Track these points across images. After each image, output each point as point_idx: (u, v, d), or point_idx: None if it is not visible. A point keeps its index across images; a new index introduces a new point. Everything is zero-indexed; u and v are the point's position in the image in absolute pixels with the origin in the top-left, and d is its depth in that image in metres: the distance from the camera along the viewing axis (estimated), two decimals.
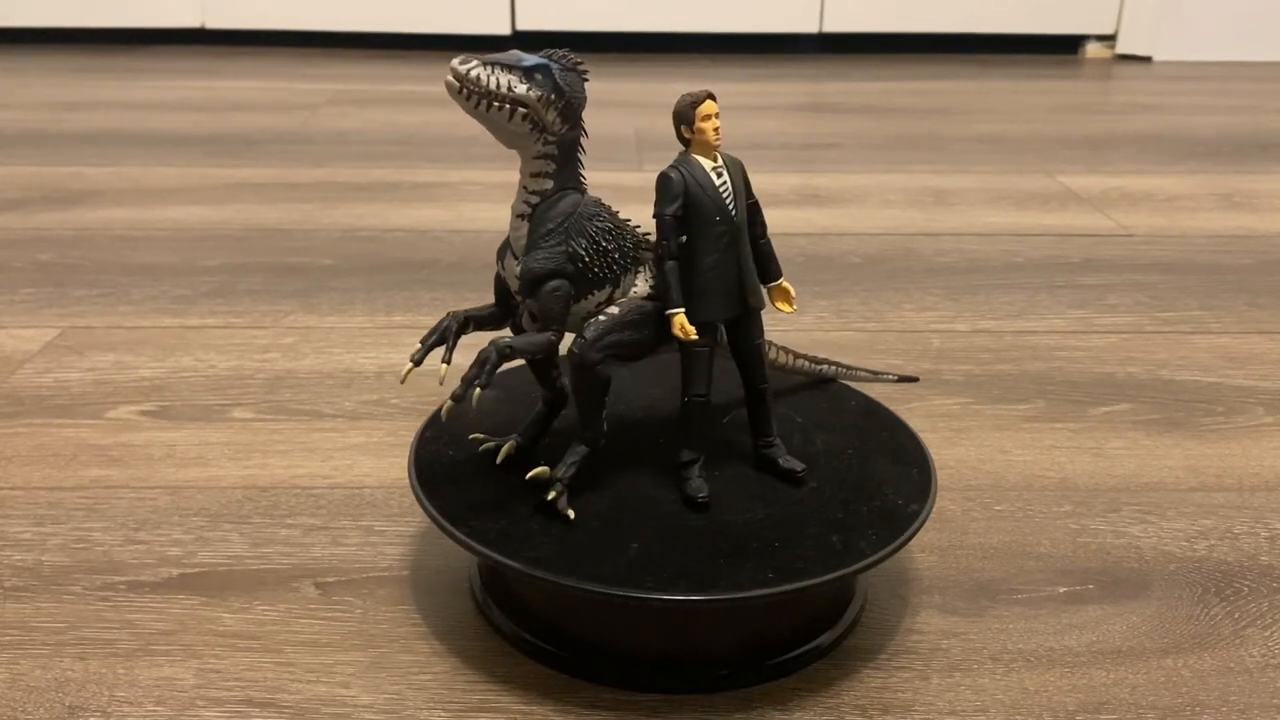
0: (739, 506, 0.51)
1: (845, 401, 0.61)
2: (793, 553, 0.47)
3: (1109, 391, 0.80)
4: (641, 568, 0.46)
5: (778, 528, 0.49)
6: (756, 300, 0.51)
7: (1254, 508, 0.65)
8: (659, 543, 0.48)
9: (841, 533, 0.49)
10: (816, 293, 0.98)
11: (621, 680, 0.50)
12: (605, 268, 0.49)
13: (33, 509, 0.63)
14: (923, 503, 0.51)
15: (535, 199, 0.49)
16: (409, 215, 1.18)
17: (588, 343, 0.49)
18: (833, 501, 0.51)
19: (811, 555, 0.47)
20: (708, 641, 0.51)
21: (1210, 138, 1.60)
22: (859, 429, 0.58)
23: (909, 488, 0.53)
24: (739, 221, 0.49)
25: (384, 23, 2.20)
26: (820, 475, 0.53)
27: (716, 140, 0.48)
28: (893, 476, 0.54)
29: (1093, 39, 2.30)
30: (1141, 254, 1.10)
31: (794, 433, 0.57)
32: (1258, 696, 0.50)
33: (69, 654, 0.52)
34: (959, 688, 0.50)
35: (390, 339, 0.87)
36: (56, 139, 1.48)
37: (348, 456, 0.70)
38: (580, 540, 0.48)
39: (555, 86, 0.46)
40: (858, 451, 0.56)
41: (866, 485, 0.53)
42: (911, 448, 0.56)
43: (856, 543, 0.48)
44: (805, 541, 0.48)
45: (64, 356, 0.83)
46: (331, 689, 0.50)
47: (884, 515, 0.50)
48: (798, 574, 0.46)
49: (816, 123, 1.69)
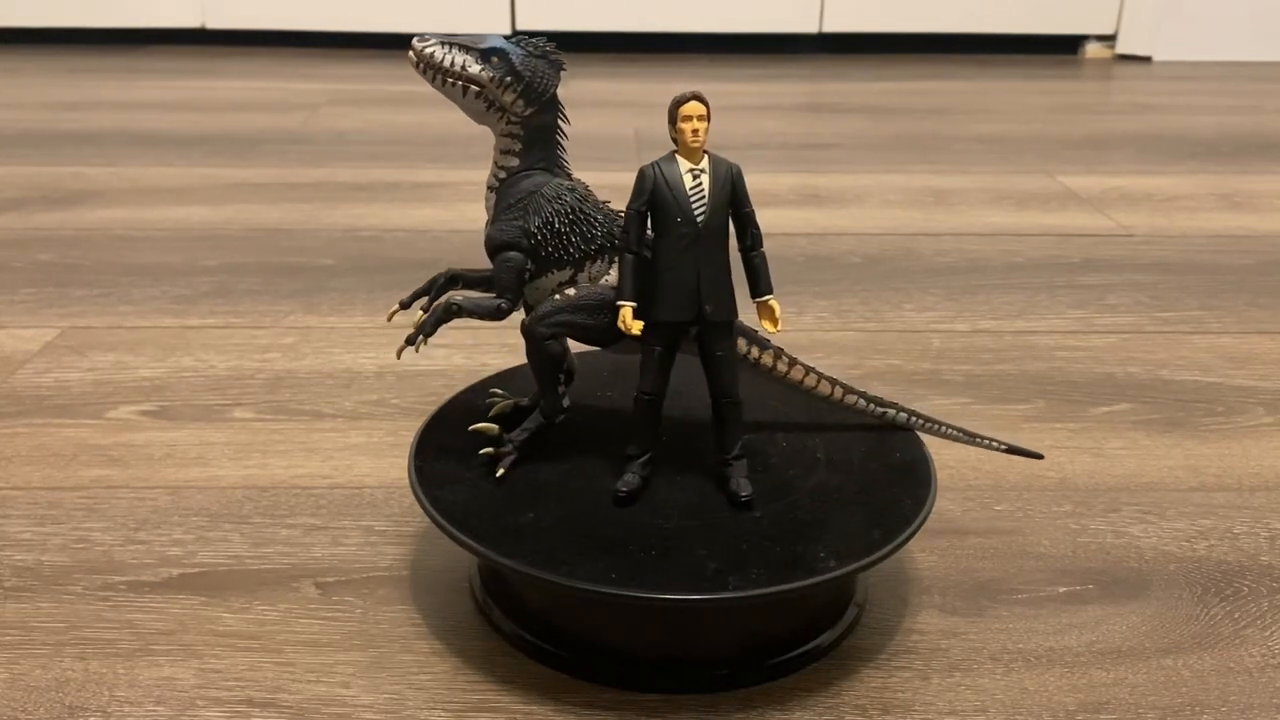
0: (738, 506, 0.51)
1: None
2: (792, 552, 0.48)
3: (1109, 391, 0.80)
4: (642, 567, 0.46)
5: (777, 527, 0.49)
6: (717, 312, 0.49)
7: (1254, 508, 0.65)
8: (659, 543, 0.48)
9: (841, 532, 0.49)
10: (816, 293, 0.98)
11: (621, 680, 0.50)
12: (559, 249, 0.51)
13: (33, 509, 0.63)
14: (923, 503, 0.51)
15: (502, 174, 0.51)
16: (409, 215, 1.18)
17: (536, 317, 0.51)
18: (832, 501, 0.51)
19: (811, 555, 0.47)
20: (708, 641, 0.51)
21: (1210, 138, 1.59)
22: (859, 428, 0.58)
23: (909, 487, 0.53)
24: (704, 227, 0.48)
25: (384, 23, 2.20)
26: (820, 475, 0.53)
27: (693, 142, 0.47)
28: (892, 476, 0.54)
29: (1093, 39, 2.30)
30: (1141, 254, 1.10)
31: (792, 431, 0.57)
32: (1258, 696, 0.50)
33: (69, 654, 0.52)
34: (959, 688, 0.50)
35: (390, 339, 0.87)
36: (56, 139, 1.48)
37: (348, 456, 0.70)
38: (580, 540, 0.48)
39: (511, 69, 0.49)
40: (857, 451, 0.56)
41: (866, 485, 0.53)
42: (911, 447, 0.56)
43: (856, 542, 0.48)
44: (805, 541, 0.48)
45: (64, 356, 0.83)
46: (331, 689, 0.50)
47: (884, 515, 0.50)
48: (798, 574, 0.46)
49: (816, 123, 1.69)
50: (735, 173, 0.49)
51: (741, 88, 1.92)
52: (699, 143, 0.47)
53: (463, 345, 0.86)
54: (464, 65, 0.49)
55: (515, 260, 0.50)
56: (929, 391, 0.79)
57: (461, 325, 0.89)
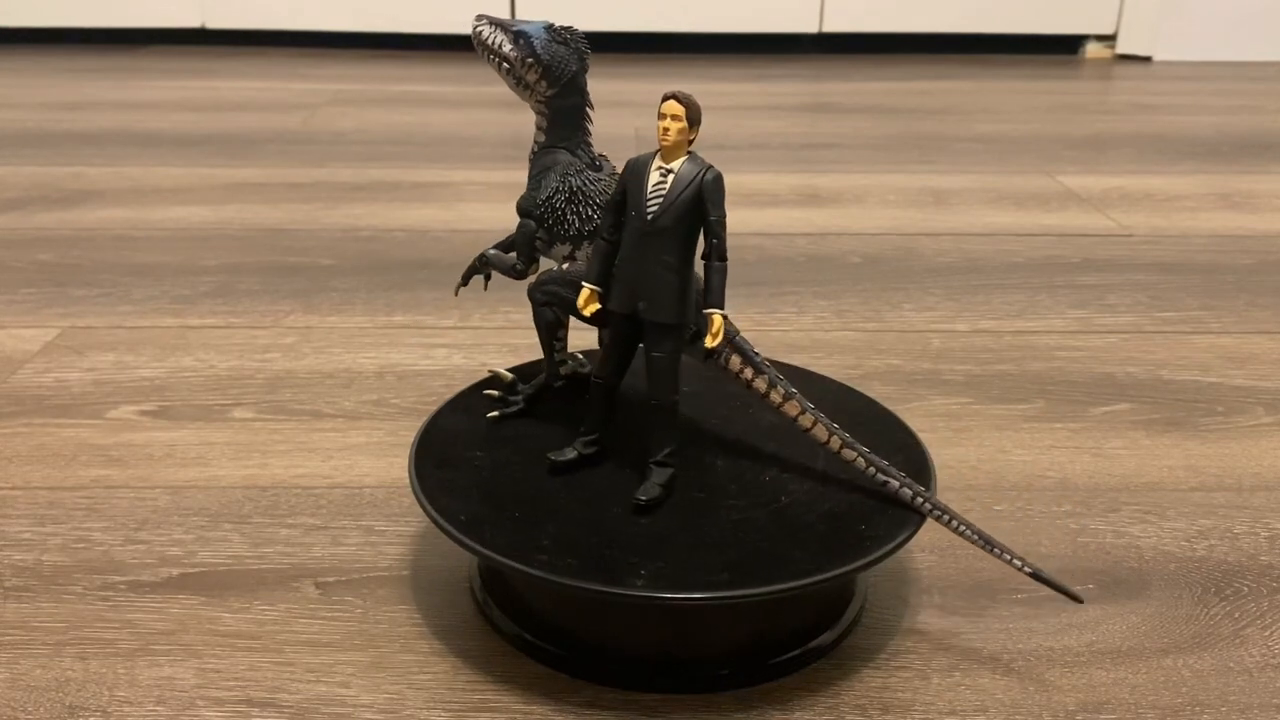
0: (738, 506, 0.51)
1: (845, 401, 0.61)
2: (792, 552, 0.48)
3: (1109, 391, 0.80)
4: (642, 567, 0.46)
5: (777, 527, 0.49)
6: (650, 311, 0.49)
7: (1254, 508, 0.65)
8: (659, 542, 0.48)
9: (841, 532, 0.49)
10: (816, 293, 0.98)
11: (621, 680, 0.50)
12: (559, 225, 0.54)
13: (33, 509, 0.63)
14: None
15: (535, 147, 0.56)
16: (409, 215, 1.18)
17: (534, 284, 0.55)
18: (832, 501, 0.51)
19: (811, 555, 0.47)
20: (708, 641, 0.51)
21: (1210, 138, 1.60)
22: (859, 428, 0.58)
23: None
24: (652, 224, 0.48)
25: (384, 23, 2.20)
26: (819, 474, 0.53)
27: (662, 140, 0.48)
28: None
29: (1093, 39, 2.30)
30: (1141, 254, 1.10)
31: (792, 431, 0.57)
32: (1257, 696, 0.50)
33: (69, 654, 0.52)
34: (959, 688, 0.50)
35: (390, 339, 0.87)
36: (56, 139, 1.48)
37: (348, 456, 0.70)
38: (580, 540, 0.48)
39: (533, 51, 0.53)
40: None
41: (865, 484, 0.53)
42: (911, 447, 0.56)
43: (856, 542, 0.48)
44: (805, 541, 0.48)
45: (64, 356, 0.83)
46: (331, 689, 0.50)
47: (884, 515, 0.50)
48: (798, 574, 0.46)
49: (816, 123, 1.69)
50: (707, 179, 0.48)
51: (741, 88, 1.92)
52: (667, 141, 0.48)
53: (463, 345, 0.86)
54: (499, 44, 0.53)
55: (527, 227, 0.55)
56: (929, 391, 0.79)
57: (462, 326, 0.90)
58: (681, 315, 0.49)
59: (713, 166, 0.48)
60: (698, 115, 0.48)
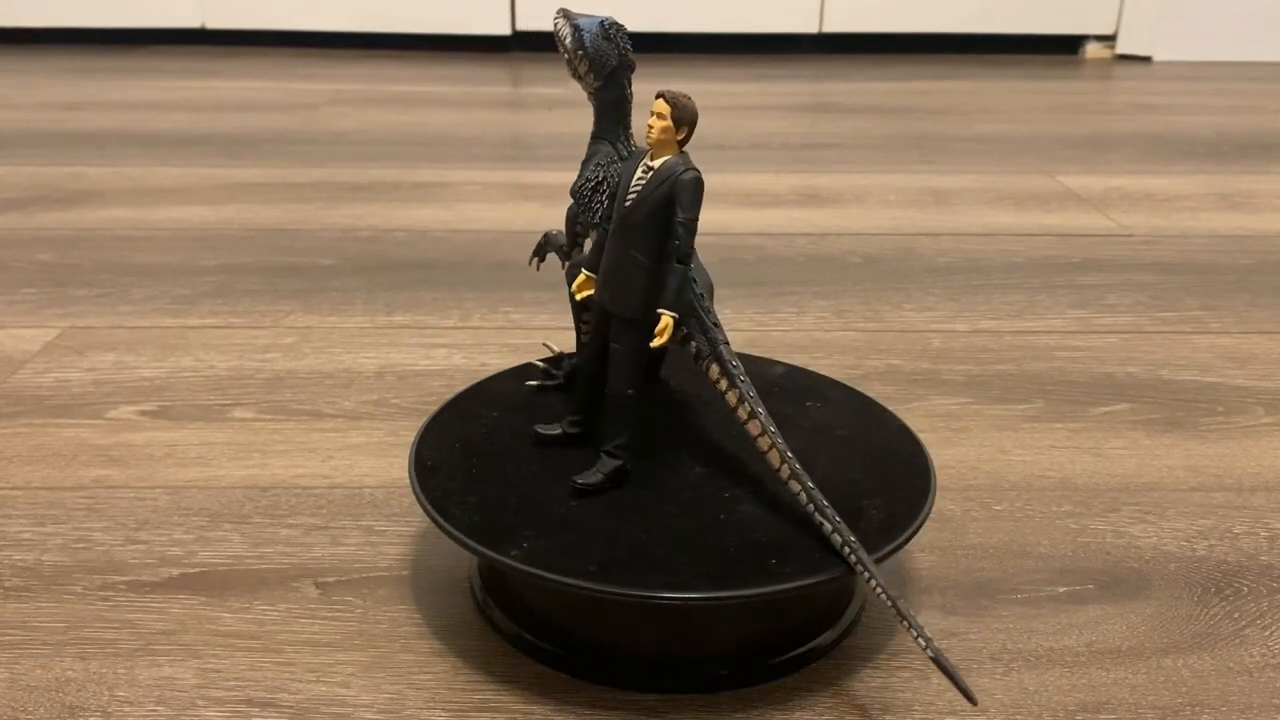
0: (738, 506, 0.51)
1: (845, 401, 0.61)
2: (793, 552, 0.48)
3: (1109, 391, 0.80)
4: (642, 567, 0.46)
5: (777, 527, 0.49)
6: (611, 303, 0.50)
7: (1254, 508, 0.65)
8: (659, 542, 0.48)
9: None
10: (816, 293, 0.98)
11: (621, 680, 0.50)
12: (585, 212, 0.55)
13: (33, 509, 0.63)
14: (922, 503, 0.51)
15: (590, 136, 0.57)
16: (409, 215, 1.18)
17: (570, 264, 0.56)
18: (832, 501, 0.51)
19: (811, 555, 0.47)
20: (708, 641, 0.51)
21: (1210, 138, 1.60)
22: (858, 428, 0.58)
23: (909, 488, 0.53)
24: (626, 219, 0.49)
25: (384, 23, 2.20)
26: (819, 474, 0.53)
27: (646, 136, 0.49)
28: (892, 476, 0.54)
29: (1093, 39, 2.30)
30: (1141, 254, 1.10)
31: (793, 432, 0.57)
32: (1258, 696, 0.50)
33: (69, 654, 0.52)
34: None
35: (390, 339, 0.87)
36: (56, 139, 1.49)
37: (348, 456, 0.70)
38: (581, 539, 0.48)
39: (582, 44, 0.53)
40: (857, 451, 0.56)
41: (866, 485, 0.53)
42: (911, 447, 0.56)
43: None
44: (805, 541, 0.48)
45: (64, 356, 0.83)
46: (331, 689, 0.50)
47: (884, 515, 0.50)
48: (798, 574, 0.46)
49: (816, 123, 1.69)
50: (681, 180, 0.48)
51: (741, 88, 1.92)
52: (650, 138, 0.49)
53: (463, 345, 0.86)
54: (564, 36, 0.54)
55: (570, 210, 0.56)
56: (929, 391, 0.79)
57: (462, 326, 0.90)
58: (643, 311, 0.49)
59: (694, 169, 0.48)
60: (685, 115, 0.48)
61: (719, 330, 0.51)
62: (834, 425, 0.58)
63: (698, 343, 0.51)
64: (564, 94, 1.80)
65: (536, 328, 0.88)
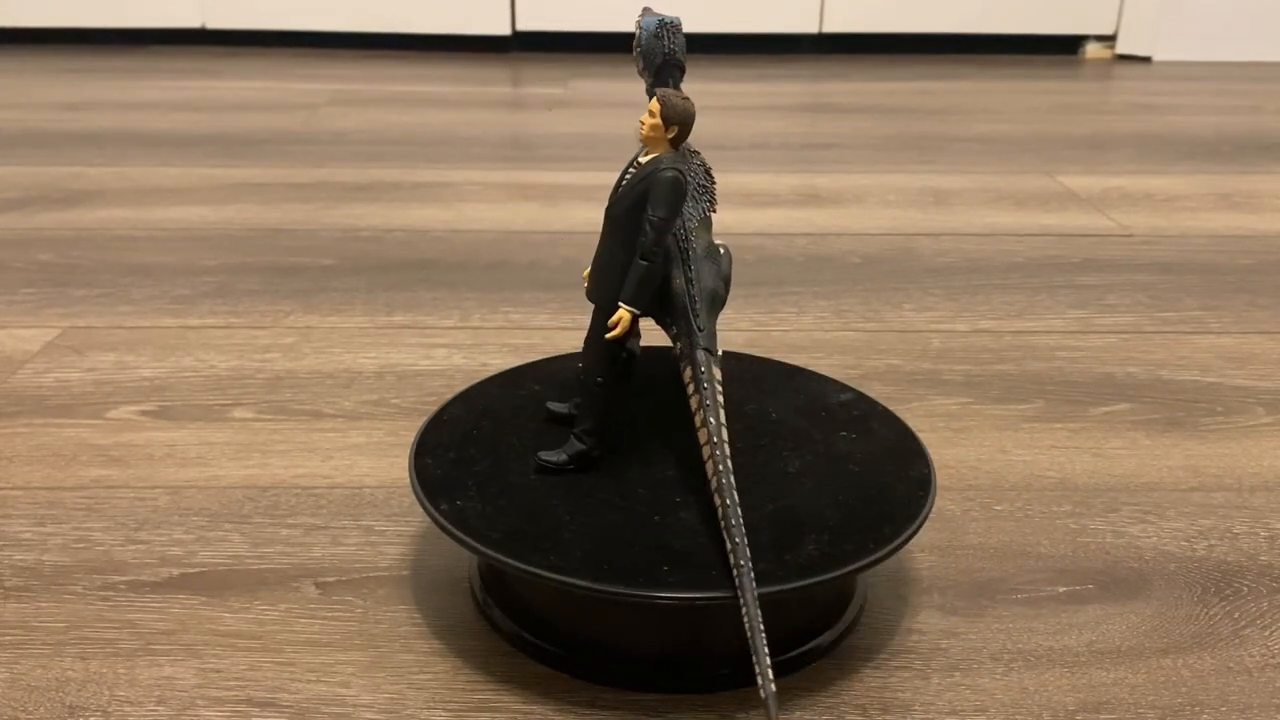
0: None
1: (845, 401, 0.61)
2: (792, 552, 0.48)
3: (1109, 391, 0.80)
4: (642, 567, 0.46)
5: (777, 527, 0.49)
6: (592, 292, 0.52)
7: (1254, 508, 0.65)
8: (660, 542, 0.48)
9: (841, 532, 0.49)
10: (816, 293, 0.98)
11: (621, 680, 0.50)
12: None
13: (33, 509, 0.64)
14: (922, 503, 0.51)
15: None
16: (409, 215, 1.18)
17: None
18: (832, 501, 0.51)
19: (811, 555, 0.47)
20: (708, 641, 0.51)
21: (1210, 138, 1.60)
22: (858, 428, 0.58)
23: (908, 488, 0.53)
24: (611, 212, 0.50)
25: (384, 23, 2.20)
26: (820, 474, 0.53)
27: (639, 133, 0.49)
28: (892, 476, 0.54)
29: (1092, 39, 2.30)
30: (1141, 254, 1.10)
31: (794, 432, 0.57)
32: (1257, 696, 0.50)
33: (69, 653, 0.52)
34: (959, 687, 0.50)
35: (390, 339, 0.87)
36: (57, 139, 1.49)
37: (348, 456, 0.70)
38: (581, 539, 0.48)
39: (639, 41, 0.55)
40: (857, 451, 0.56)
41: (866, 485, 0.53)
42: (911, 447, 0.56)
43: (856, 542, 0.48)
44: (805, 541, 0.48)
45: (64, 356, 0.83)
46: (332, 689, 0.50)
47: (884, 515, 0.50)
48: (798, 574, 0.46)
49: (816, 123, 1.69)
50: (656, 178, 0.48)
51: (741, 88, 1.92)
52: (641, 136, 0.49)
53: (463, 345, 0.86)
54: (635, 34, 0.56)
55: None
56: (929, 391, 0.79)
57: (462, 326, 0.90)
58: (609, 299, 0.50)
59: (673, 169, 0.48)
60: (673, 114, 0.48)
61: (705, 337, 0.51)
62: (853, 457, 0.56)
63: (681, 344, 0.51)
64: (564, 94, 1.80)
65: (536, 328, 0.88)
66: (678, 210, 0.49)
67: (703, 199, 0.54)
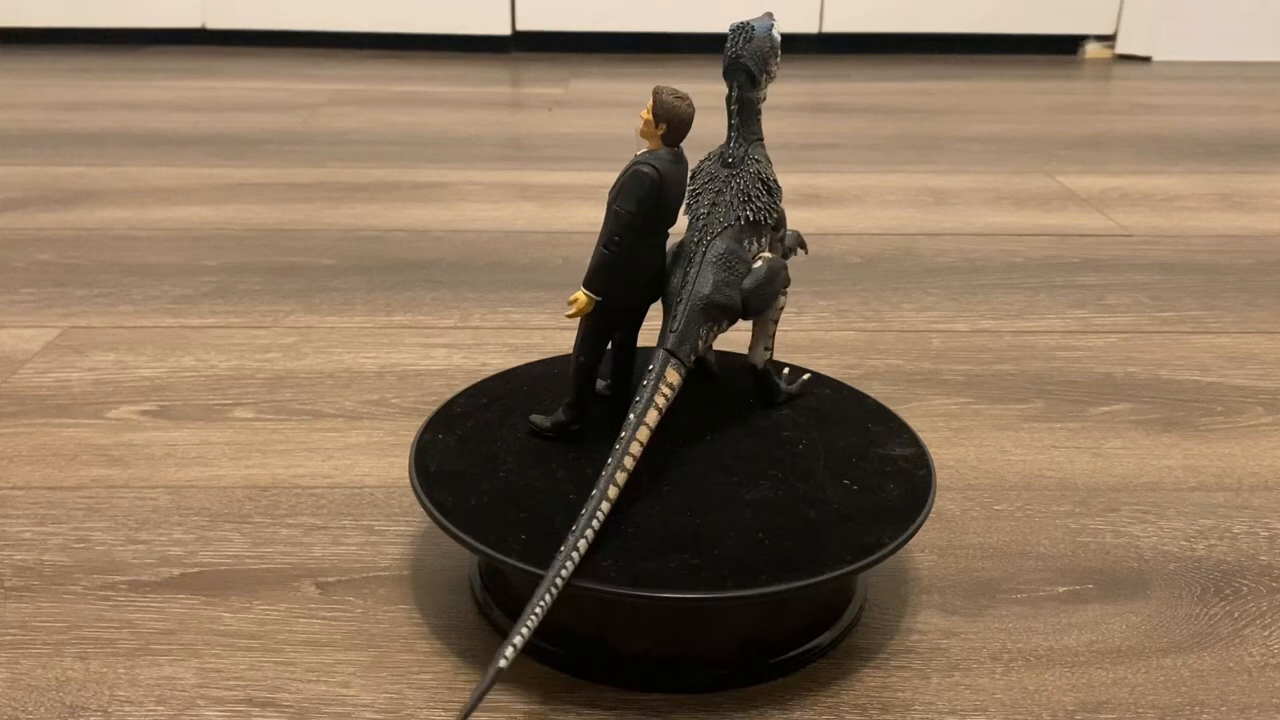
0: (739, 506, 0.51)
1: (844, 400, 0.61)
2: (792, 552, 0.48)
3: (1108, 391, 0.80)
4: (642, 567, 0.46)
5: (777, 527, 0.49)
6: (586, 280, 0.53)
7: (1253, 507, 0.65)
8: (660, 542, 0.48)
9: (841, 532, 0.49)
10: (816, 293, 0.98)
11: (621, 680, 0.50)
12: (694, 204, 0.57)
13: (33, 509, 0.64)
14: (923, 503, 0.51)
15: None
16: (409, 215, 1.18)
17: None
18: (832, 501, 0.51)
19: (811, 554, 0.47)
20: (708, 641, 0.51)
21: (1210, 138, 1.60)
22: (858, 428, 0.58)
23: (908, 487, 0.53)
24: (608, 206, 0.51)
25: (384, 23, 2.20)
26: (820, 474, 0.54)
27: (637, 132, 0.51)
28: (892, 475, 0.54)
29: (1092, 39, 2.30)
30: (1141, 254, 1.10)
31: (793, 431, 0.57)
32: (1257, 696, 0.50)
33: (69, 653, 0.52)
34: (959, 687, 0.50)
35: (390, 339, 0.87)
36: (57, 139, 1.49)
37: (348, 456, 0.70)
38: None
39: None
40: (857, 450, 0.56)
41: (866, 484, 0.53)
42: (911, 447, 0.56)
43: (856, 542, 0.48)
44: (805, 540, 0.48)
45: (64, 356, 0.83)
46: (332, 688, 0.50)
47: (883, 514, 0.50)
48: (798, 574, 0.46)
49: (816, 123, 1.69)
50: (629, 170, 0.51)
51: None
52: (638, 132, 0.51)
53: (463, 345, 0.86)
54: None
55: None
56: (929, 391, 0.79)
57: (462, 325, 0.90)
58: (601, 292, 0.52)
59: (649, 164, 0.50)
60: (663, 113, 0.50)
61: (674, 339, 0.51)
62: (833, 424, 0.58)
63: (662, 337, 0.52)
64: (564, 94, 1.80)
65: (536, 328, 0.88)
66: (645, 204, 0.50)
67: (741, 207, 0.54)
